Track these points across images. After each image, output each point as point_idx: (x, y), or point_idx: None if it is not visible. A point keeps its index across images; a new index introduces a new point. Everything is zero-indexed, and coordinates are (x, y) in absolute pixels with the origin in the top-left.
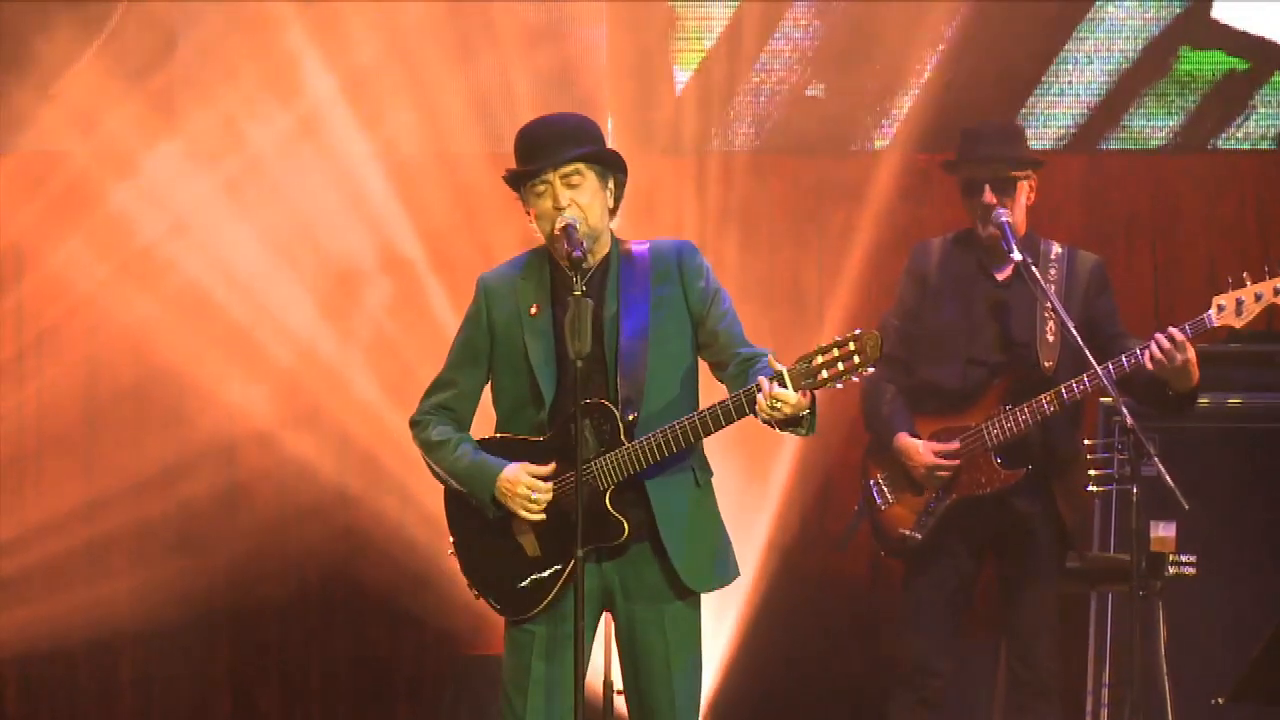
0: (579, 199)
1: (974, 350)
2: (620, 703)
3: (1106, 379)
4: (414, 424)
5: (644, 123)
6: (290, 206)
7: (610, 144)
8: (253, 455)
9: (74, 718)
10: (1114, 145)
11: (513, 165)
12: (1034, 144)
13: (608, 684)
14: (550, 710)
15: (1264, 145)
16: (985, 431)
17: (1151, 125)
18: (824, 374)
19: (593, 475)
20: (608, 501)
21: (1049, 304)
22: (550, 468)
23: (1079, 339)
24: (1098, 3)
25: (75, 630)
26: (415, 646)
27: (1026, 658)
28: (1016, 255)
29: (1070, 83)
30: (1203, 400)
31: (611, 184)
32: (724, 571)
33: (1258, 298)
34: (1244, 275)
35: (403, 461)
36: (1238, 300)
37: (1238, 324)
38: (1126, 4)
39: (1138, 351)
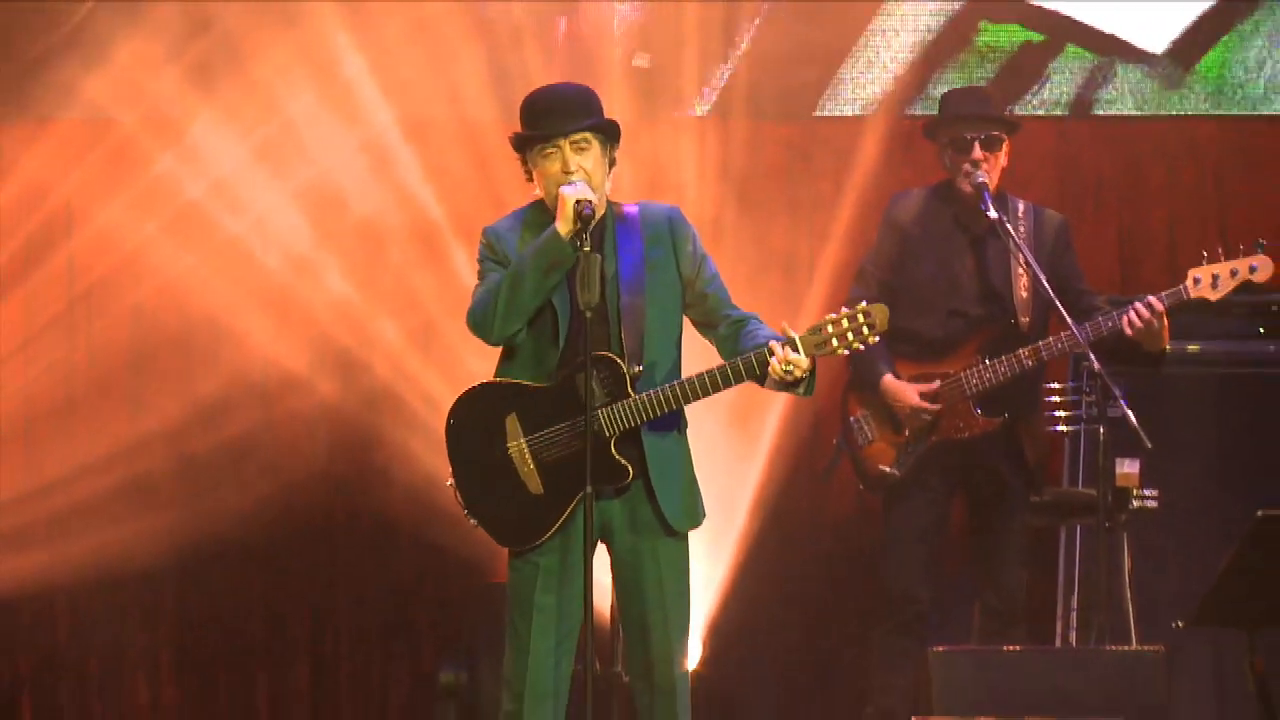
0: (584, 164)
1: (954, 303)
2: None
3: (1084, 339)
4: (471, 310)
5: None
6: (321, 170)
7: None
8: (287, 398)
9: (121, 646)
10: (919, 111)
11: (515, 128)
12: (846, 110)
13: (613, 608)
14: (555, 634)
15: (1057, 111)
16: (964, 380)
17: None
18: (834, 342)
19: (599, 422)
20: (613, 447)
21: (1022, 259)
22: (555, 433)
23: (1056, 299)
24: None
25: (122, 562)
26: (438, 575)
27: (997, 588)
28: (993, 213)
29: (878, 53)
30: (1168, 348)
31: (610, 151)
32: (696, 515)
33: (1233, 274)
34: (1219, 250)
35: (426, 404)
36: (1214, 275)
37: (1213, 297)
38: None
39: (1116, 315)
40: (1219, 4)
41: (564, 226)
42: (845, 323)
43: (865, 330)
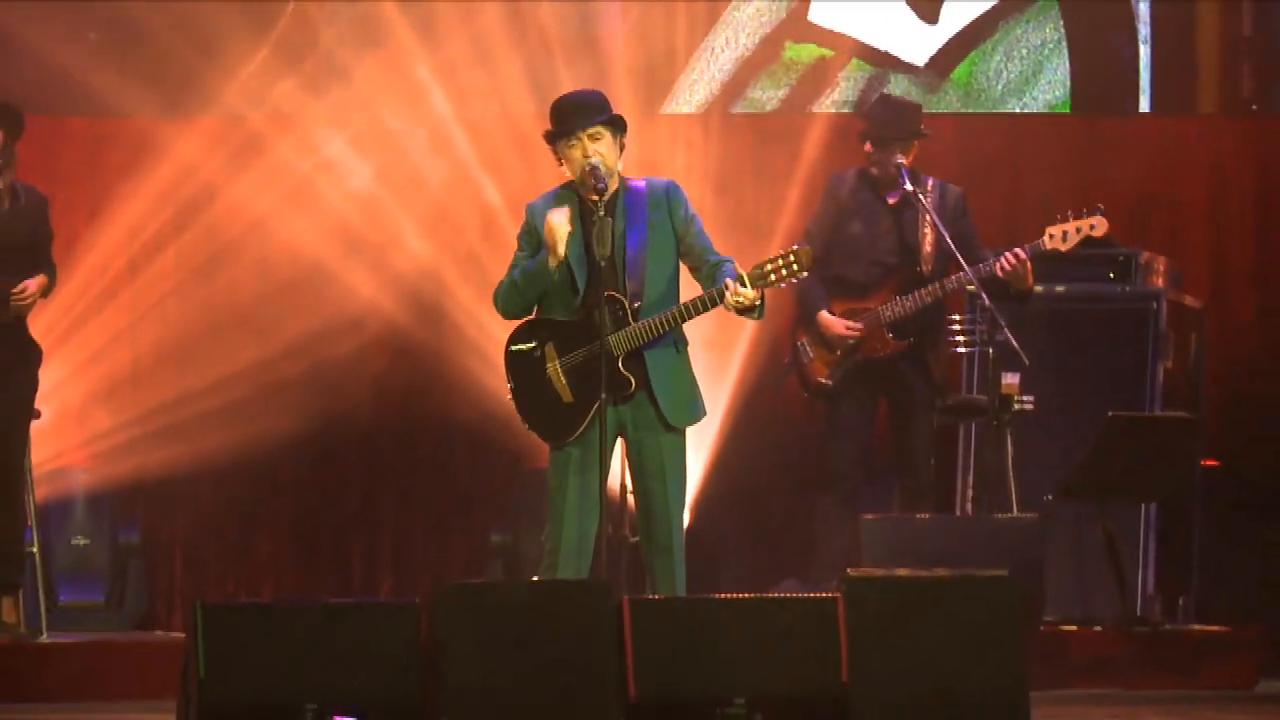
0: (599, 149)
1: (875, 255)
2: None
3: (974, 279)
4: (495, 293)
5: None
6: (399, 154)
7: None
8: (378, 330)
9: (250, 515)
10: (739, 110)
11: (547, 126)
12: (683, 109)
13: (623, 487)
14: (583, 506)
15: (845, 109)
16: (881, 313)
17: (766, 95)
18: (771, 277)
19: (610, 345)
20: (620, 364)
21: (929, 221)
22: (574, 358)
23: (952, 246)
24: (731, 4)
25: (251, 451)
26: (491, 463)
27: (912, 471)
28: (909, 187)
29: (708, 65)
30: (1038, 288)
31: (620, 139)
32: (695, 412)
33: (1078, 230)
34: (1068, 212)
35: (483, 335)
36: (1064, 232)
37: (1064, 248)
38: (751, 7)
39: (991, 261)
40: (967, 27)
41: (553, 260)
42: (780, 262)
43: (795, 266)
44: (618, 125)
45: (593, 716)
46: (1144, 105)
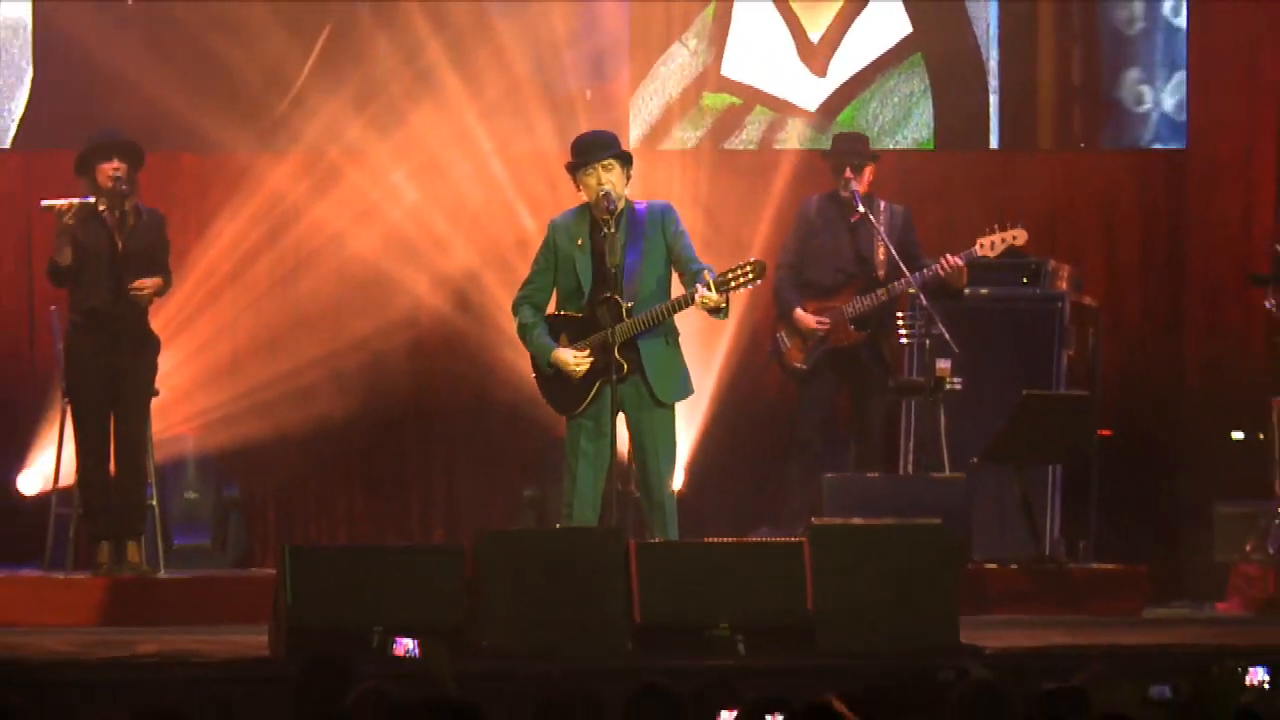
0: (610, 178)
1: (838, 264)
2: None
3: (916, 283)
4: (514, 306)
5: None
6: (451, 183)
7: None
8: (431, 325)
9: (327, 474)
10: (666, 147)
11: (568, 159)
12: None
13: (627, 452)
14: (594, 468)
15: (751, 147)
16: (844, 310)
17: (687, 135)
18: (733, 284)
19: (610, 338)
20: (616, 351)
21: (881, 237)
22: (585, 344)
23: (898, 259)
24: (659, 60)
25: (328, 421)
26: (524, 432)
27: (865, 439)
28: (861, 209)
29: (640, 109)
30: (967, 291)
31: (627, 169)
32: (682, 391)
33: (1004, 241)
34: (994, 225)
35: (513, 327)
36: (992, 242)
37: (992, 255)
38: (675, 63)
39: (933, 265)
40: (849, 79)
41: (565, 369)
42: (739, 271)
43: (751, 275)
44: (625, 159)
45: (606, 637)
46: (994, 143)
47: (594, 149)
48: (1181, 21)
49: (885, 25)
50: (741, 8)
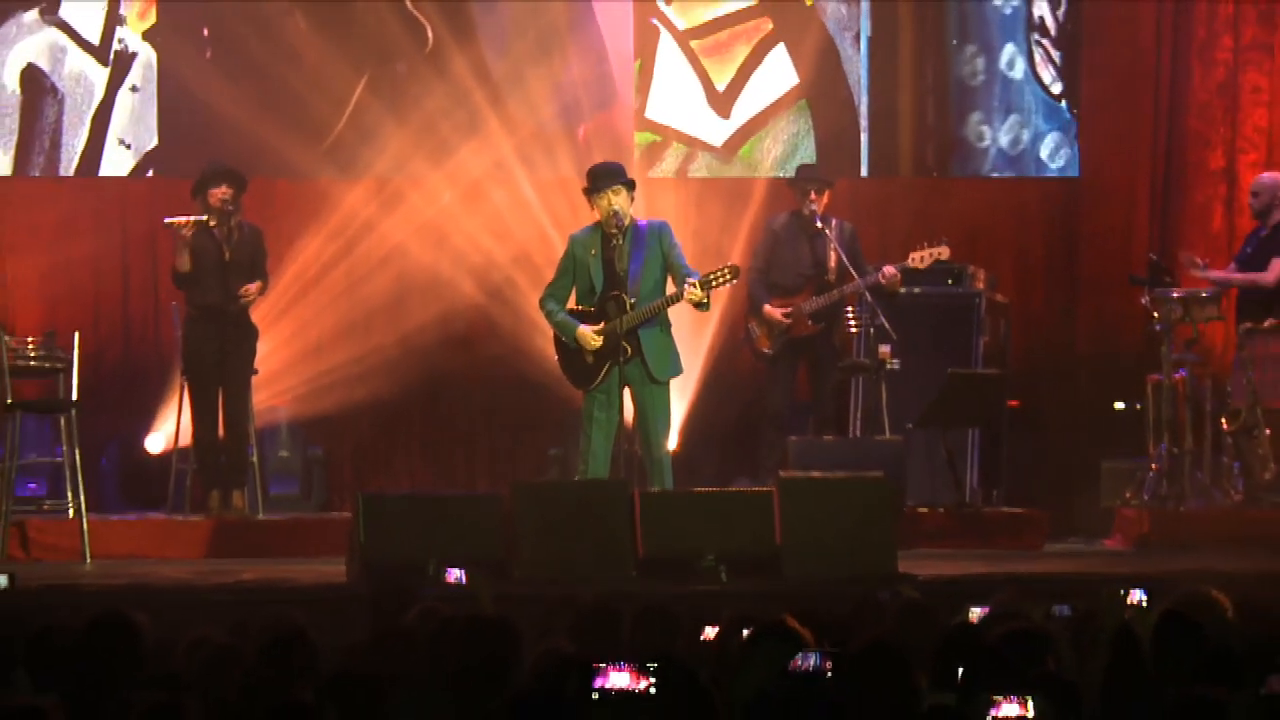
0: (619, 201)
1: (798, 268)
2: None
3: (862, 284)
4: (541, 301)
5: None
6: (491, 207)
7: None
8: (472, 319)
9: (393, 437)
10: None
11: (584, 184)
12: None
13: (632, 420)
14: (605, 433)
15: (669, 175)
16: (803, 307)
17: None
18: (714, 282)
19: (617, 327)
20: (623, 340)
21: (833, 247)
22: (599, 326)
23: (848, 264)
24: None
25: (391, 395)
26: (550, 403)
27: (821, 409)
28: (819, 224)
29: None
30: (902, 290)
31: (631, 193)
32: (674, 370)
33: (932, 254)
34: (924, 242)
35: (541, 318)
36: (921, 256)
37: (922, 266)
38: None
39: (875, 274)
40: (747, 121)
41: (585, 344)
42: (718, 273)
43: (728, 276)
44: (631, 185)
45: (615, 566)
46: (864, 172)
47: (607, 177)
48: (1015, 74)
49: (777, 78)
50: (662, 62)
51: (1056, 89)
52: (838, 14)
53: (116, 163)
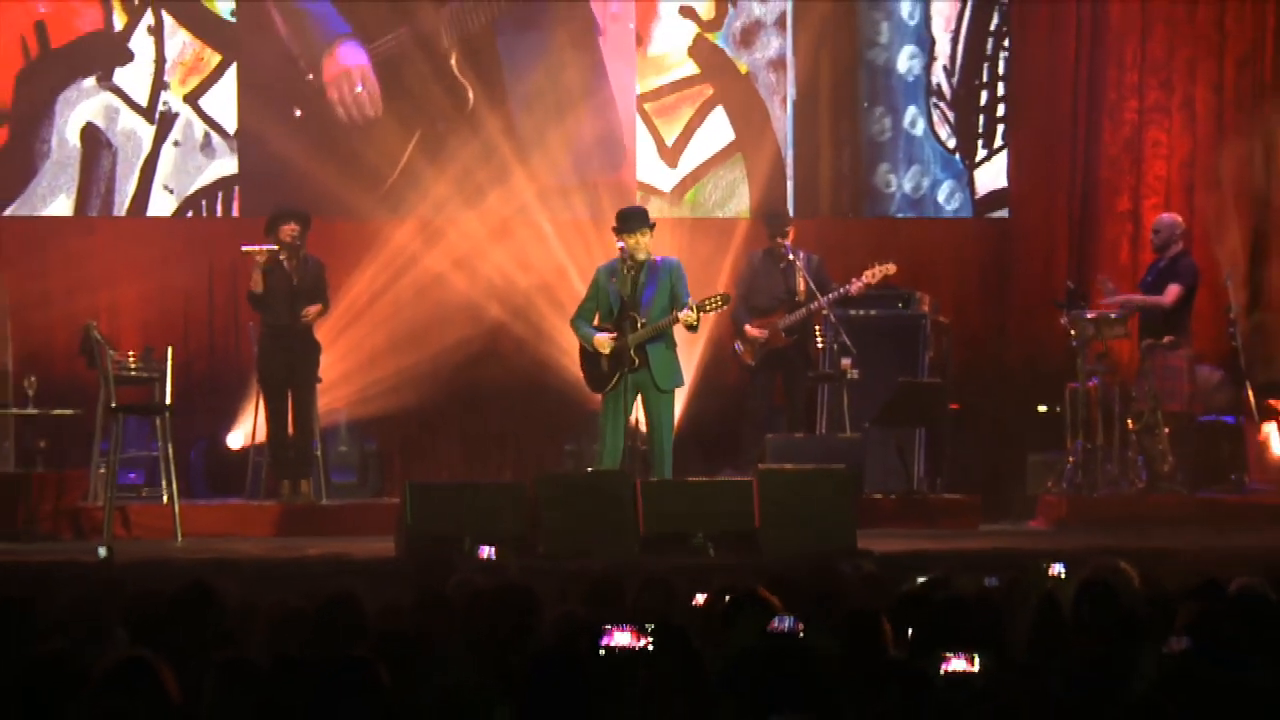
0: (642, 240)
1: (773, 293)
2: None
3: (827, 305)
4: (572, 320)
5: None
6: (519, 241)
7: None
8: (498, 334)
9: (434, 432)
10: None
11: (612, 224)
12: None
13: (639, 421)
14: (617, 432)
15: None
16: (778, 325)
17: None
18: (707, 308)
19: (628, 342)
20: (631, 351)
21: (802, 276)
22: (613, 335)
23: (814, 289)
24: None
25: (431, 402)
26: (570, 402)
27: (792, 413)
28: (790, 256)
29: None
30: (860, 312)
31: (651, 233)
32: (677, 380)
33: (878, 275)
34: (874, 264)
35: (562, 335)
36: (874, 272)
37: (873, 281)
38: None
39: (842, 289)
40: (692, 170)
41: (598, 348)
42: (710, 301)
43: (718, 303)
44: (652, 226)
45: (621, 543)
46: (792, 212)
47: (634, 220)
48: (917, 131)
49: (717, 134)
50: None
51: (951, 144)
52: (768, 81)
53: (160, 205)
